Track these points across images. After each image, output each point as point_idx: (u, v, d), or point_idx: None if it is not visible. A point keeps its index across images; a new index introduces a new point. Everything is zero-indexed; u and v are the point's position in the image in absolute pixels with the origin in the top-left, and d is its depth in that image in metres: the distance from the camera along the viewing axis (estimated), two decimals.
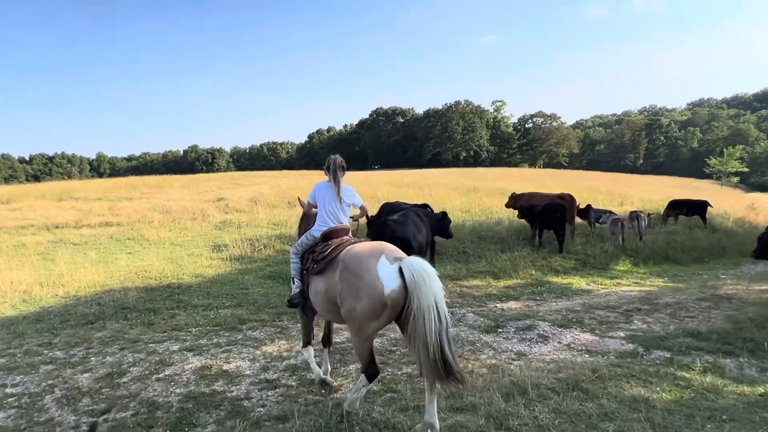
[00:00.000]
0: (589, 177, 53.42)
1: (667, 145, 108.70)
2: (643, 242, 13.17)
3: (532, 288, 9.12)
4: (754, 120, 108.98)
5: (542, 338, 6.30)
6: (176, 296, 7.89)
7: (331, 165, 4.55)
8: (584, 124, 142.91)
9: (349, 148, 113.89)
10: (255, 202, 20.51)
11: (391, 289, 3.52)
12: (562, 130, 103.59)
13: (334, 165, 4.52)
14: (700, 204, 18.86)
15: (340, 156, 4.67)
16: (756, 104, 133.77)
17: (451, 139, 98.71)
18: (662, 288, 9.50)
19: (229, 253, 11.07)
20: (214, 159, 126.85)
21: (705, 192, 44.52)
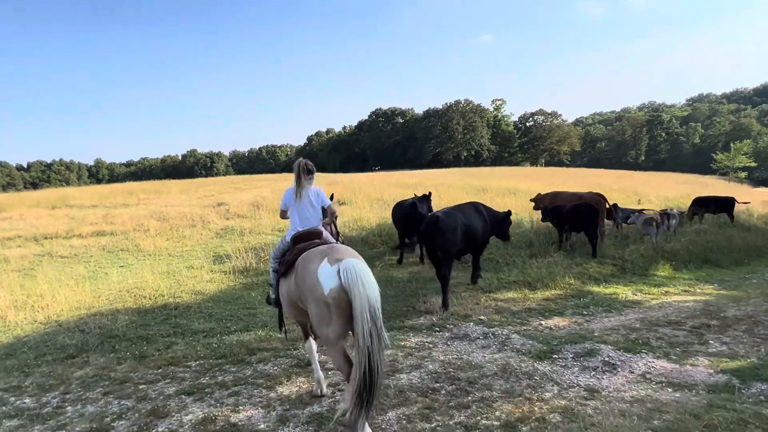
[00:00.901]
0: (594, 174, 52.54)
1: (668, 141, 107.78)
2: (678, 242, 12.17)
3: (574, 300, 8.09)
4: (756, 114, 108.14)
5: (609, 367, 5.27)
6: (173, 319, 6.86)
7: (294, 169, 4.64)
8: (584, 121, 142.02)
9: (348, 150, 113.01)
10: (257, 206, 19.49)
11: (329, 289, 3.53)
12: (563, 127, 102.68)
13: (298, 169, 4.62)
14: (728, 201, 17.85)
15: (305, 159, 4.79)
16: (756, 99, 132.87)
17: (452, 138, 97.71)
18: (718, 297, 8.48)
19: (232, 265, 10.05)
20: (213, 163, 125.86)
21: (714, 188, 43.56)
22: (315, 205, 4.66)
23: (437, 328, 6.65)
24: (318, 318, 3.69)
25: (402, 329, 6.62)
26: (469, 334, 6.41)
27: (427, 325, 6.78)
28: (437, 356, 5.60)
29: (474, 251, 8.65)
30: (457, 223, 7.78)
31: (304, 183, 4.67)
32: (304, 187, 4.66)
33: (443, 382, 4.87)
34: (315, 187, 4.79)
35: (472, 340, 6.21)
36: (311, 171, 4.78)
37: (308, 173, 4.73)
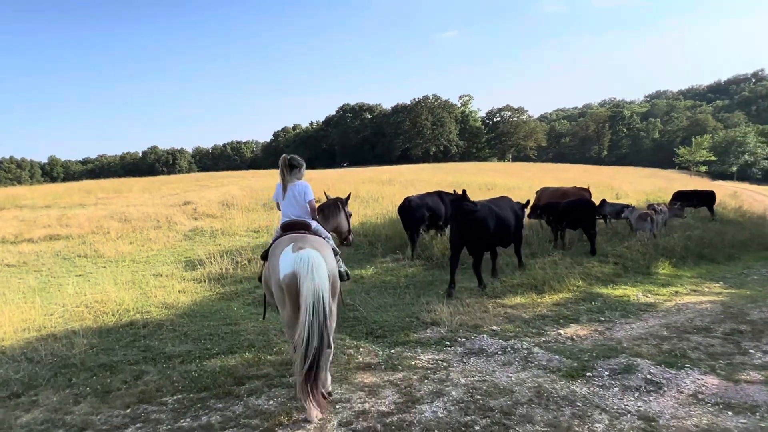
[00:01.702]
0: (561, 169, 53.03)
1: (629, 137, 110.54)
2: (671, 237, 11.82)
3: (585, 304, 7.49)
4: (711, 110, 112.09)
5: (654, 386, 4.64)
6: (141, 341, 5.87)
7: (279, 165, 4.76)
8: (549, 117, 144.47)
9: (316, 146, 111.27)
10: (227, 205, 18.37)
11: (284, 274, 3.75)
12: (529, 123, 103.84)
13: (281, 164, 4.74)
14: (709, 195, 17.82)
15: (289, 155, 4.87)
16: (710, 95, 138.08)
17: (421, 134, 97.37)
18: (731, 297, 8.04)
19: (206, 272, 9.04)
20: (175, 160, 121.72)
21: (678, 181, 44.57)
22: (300, 200, 4.67)
23: (448, 341, 5.90)
24: (276, 300, 4.10)
25: (408, 344, 5.84)
26: (485, 348, 5.69)
27: (436, 338, 6.03)
28: (457, 378, 4.85)
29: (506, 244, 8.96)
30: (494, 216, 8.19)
31: (289, 178, 4.75)
32: (290, 182, 4.73)
33: (474, 414, 4.12)
34: (303, 182, 4.81)
35: (490, 356, 5.49)
36: (295, 165, 4.83)
37: (292, 168, 4.80)
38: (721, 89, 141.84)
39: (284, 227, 4.52)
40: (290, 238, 4.10)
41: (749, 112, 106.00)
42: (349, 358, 5.39)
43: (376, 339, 6.03)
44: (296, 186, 4.67)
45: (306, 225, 4.52)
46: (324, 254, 3.92)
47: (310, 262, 3.66)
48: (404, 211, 10.32)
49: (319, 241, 4.19)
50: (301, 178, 4.85)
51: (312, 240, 4.07)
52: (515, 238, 9.04)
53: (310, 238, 4.12)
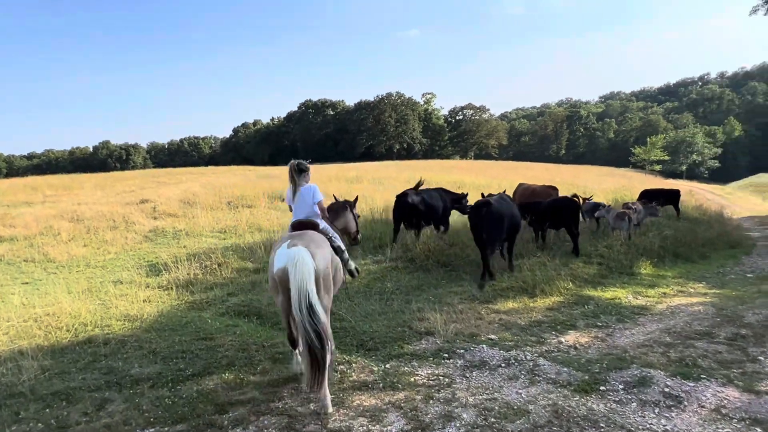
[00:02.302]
0: (524, 167, 53.71)
1: (586, 136, 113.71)
2: (646, 236, 11.83)
3: (579, 308, 7.22)
4: (662, 112, 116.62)
5: (673, 400, 4.35)
6: (103, 362, 5.15)
7: (289, 170, 5.09)
8: (509, 116, 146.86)
9: (277, 142, 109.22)
10: (188, 203, 17.40)
11: (277, 268, 4.17)
12: (491, 122, 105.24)
13: (291, 170, 5.08)
14: (674, 193, 18.17)
15: (297, 160, 5.21)
16: (661, 97, 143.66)
17: (384, 131, 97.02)
18: (720, 298, 7.96)
19: (172, 277, 8.29)
20: (129, 155, 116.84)
21: (637, 180, 45.91)
22: (309, 202, 5.03)
23: (445, 353, 5.46)
24: (271, 289, 4.50)
25: (403, 358, 5.37)
26: (487, 360, 5.29)
27: (432, 350, 5.58)
28: (464, 398, 4.42)
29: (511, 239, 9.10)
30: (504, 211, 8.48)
31: (299, 182, 5.10)
32: (300, 185, 5.08)
33: None
34: (312, 184, 5.16)
35: (493, 369, 5.09)
36: (303, 170, 5.15)
37: (300, 172, 5.13)
38: (671, 91, 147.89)
39: (293, 226, 4.98)
40: (289, 236, 4.49)
41: (696, 114, 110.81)
42: (342, 375, 4.88)
43: (368, 352, 5.53)
44: (305, 189, 5.06)
45: (314, 224, 4.93)
46: (315, 252, 4.19)
47: (296, 259, 3.97)
48: (402, 205, 10.11)
49: (317, 239, 4.47)
50: (308, 180, 5.20)
51: (308, 239, 4.36)
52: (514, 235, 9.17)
53: (308, 236, 4.42)
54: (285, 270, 4.05)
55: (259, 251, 9.73)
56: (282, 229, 12.36)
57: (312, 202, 5.00)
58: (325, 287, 4.28)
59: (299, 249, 4.06)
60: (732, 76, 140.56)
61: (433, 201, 10.45)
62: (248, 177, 33.40)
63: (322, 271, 4.19)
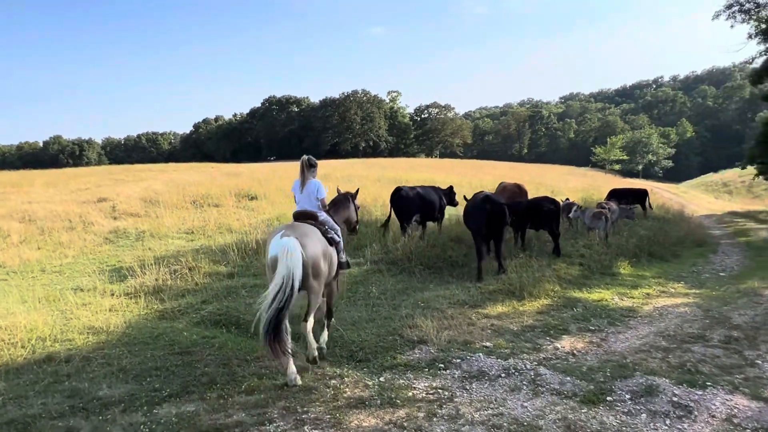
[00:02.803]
0: (491, 166, 54.33)
1: (547, 136, 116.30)
2: (620, 236, 11.92)
3: (567, 311, 7.08)
4: (619, 113, 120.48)
5: (682, 410, 4.20)
6: (66, 383, 4.60)
7: (300, 164, 5.53)
8: (473, 115, 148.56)
9: (240, 138, 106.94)
10: (150, 202, 16.57)
11: (270, 256, 4.61)
12: (456, 120, 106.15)
13: (303, 164, 5.52)
14: (642, 192, 18.54)
15: (308, 156, 5.66)
16: (618, 99, 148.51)
17: (350, 129, 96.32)
18: (702, 299, 8.01)
19: (139, 283, 7.69)
20: (82, 151, 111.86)
21: (597, 179, 47.13)
22: (312, 196, 5.45)
23: (441, 363, 5.17)
24: (267, 275, 4.78)
25: (397, 369, 5.05)
26: (485, 370, 5.03)
27: (427, 360, 5.28)
28: (469, 414, 4.14)
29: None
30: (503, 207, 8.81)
31: (308, 176, 5.52)
32: (307, 179, 5.50)
33: None
34: (318, 180, 5.58)
35: (493, 380, 4.84)
36: (313, 165, 5.60)
37: (310, 167, 5.57)
38: (627, 93, 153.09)
39: (295, 216, 5.43)
40: (285, 226, 4.85)
41: (651, 115, 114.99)
42: (335, 391, 4.51)
43: (359, 364, 5.18)
44: (311, 183, 5.46)
45: (313, 215, 5.35)
46: (306, 243, 4.59)
47: (286, 249, 4.36)
48: (399, 200, 10.27)
49: (308, 231, 4.84)
50: (315, 175, 5.62)
51: (301, 230, 4.73)
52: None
53: (300, 228, 4.79)
54: (276, 258, 4.45)
55: (232, 254, 9.20)
56: (253, 230, 11.85)
57: (315, 196, 5.42)
58: (315, 273, 4.70)
59: (291, 239, 4.45)
60: (684, 79, 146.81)
61: (430, 196, 10.63)
62: (212, 175, 32.36)
63: (311, 259, 4.61)
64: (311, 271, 4.63)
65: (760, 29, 17.69)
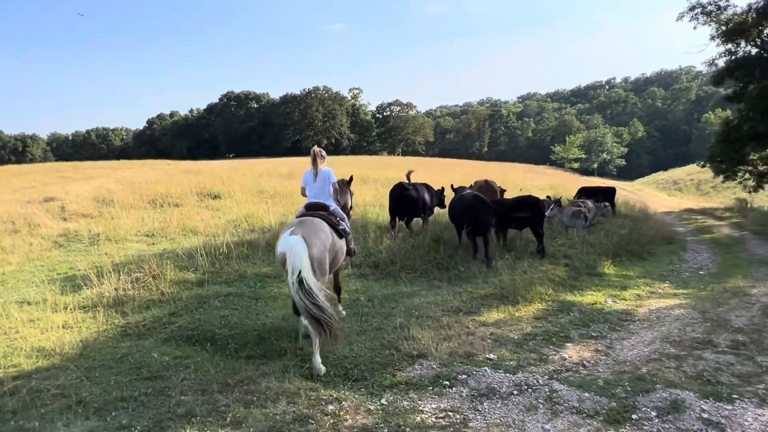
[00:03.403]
0: (455, 164, 54.50)
1: (507, 134, 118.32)
2: (597, 234, 11.83)
3: (564, 316, 6.76)
4: (574, 113, 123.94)
5: (715, 428, 3.89)
6: (11, 422, 3.84)
7: (311, 155, 5.99)
8: (434, 113, 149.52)
9: (197, 135, 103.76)
10: (104, 202, 15.46)
11: (279, 252, 4.88)
12: (418, 118, 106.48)
13: (316, 154, 5.95)
14: (611, 190, 18.71)
15: (319, 148, 6.09)
16: (573, 99, 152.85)
17: (312, 126, 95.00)
18: (692, 298, 7.89)
19: (97, 294, 6.85)
20: (26, 147, 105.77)
21: (558, 177, 47.99)
22: (326, 182, 5.84)
23: (446, 381, 4.70)
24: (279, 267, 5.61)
25: (398, 389, 4.54)
26: (495, 387, 4.59)
27: (430, 376, 4.80)
28: None
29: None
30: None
31: (320, 165, 5.88)
32: (320, 168, 5.86)
33: None
34: (327, 168, 5.96)
35: (505, 398, 4.41)
36: (324, 156, 6.00)
37: (322, 158, 5.95)
38: (582, 94, 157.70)
39: (307, 207, 5.74)
40: (296, 222, 5.14)
41: (605, 115, 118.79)
42: (335, 419, 3.96)
43: (355, 384, 4.64)
44: (324, 171, 5.88)
45: (324, 206, 5.69)
46: (312, 241, 4.83)
47: (290, 246, 4.64)
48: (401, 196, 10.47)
49: (317, 226, 5.11)
50: (325, 164, 6.00)
51: (308, 227, 4.99)
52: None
53: (308, 224, 5.04)
54: (284, 255, 4.74)
55: (200, 258, 8.44)
56: (221, 231, 11.08)
57: (328, 182, 5.86)
58: (320, 269, 4.93)
59: (297, 238, 4.72)
60: (634, 81, 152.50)
61: (425, 194, 10.89)
62: (169, 172, 30.91)
63: (316, 257, 4.82)
64: (317, 267, 4.85)
65: (721, 31, 18.12)
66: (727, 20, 17.94)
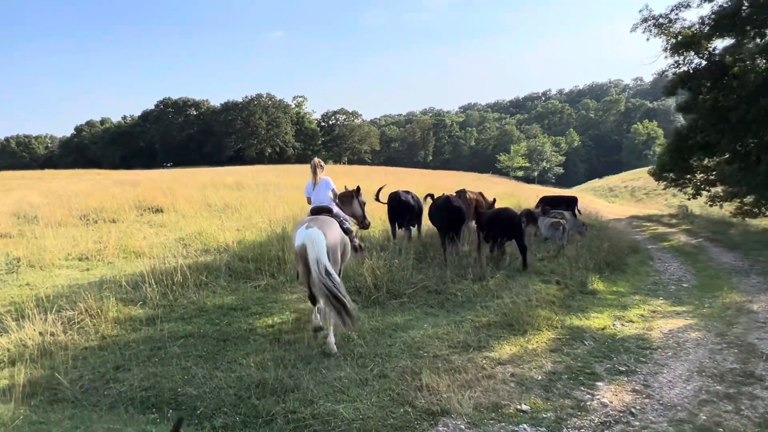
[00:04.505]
0: (404, 173, 54.10)
1: (450, 143, 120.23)
2: (574, 246, 11.38)
3: (580, 346, 6.01)
4: (514, 122, 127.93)
5: None
6: None
7: (311, 166, 6.52)
8: (378, 122, 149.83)
9: (131, 143, 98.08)
10: (25, 218, 13.56)
11: (297, 245, 5.35)
12: (364, 127, 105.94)
13: (316, 165, 6.47)
14: (572, 199, 18.57)
15: (318, 159, 6.58)
16: (512, 109, 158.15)
17: (255, 134, 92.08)
18: (698, 318, 7.40)
19: (15, 342, 5.39)
20: None
21: (507, 185, 48.63)
22: (326, 189, 6.40)
23: None
24: (295, 261, 6.13)
25: None
26: None
27: None
28: None
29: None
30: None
31: (319, 174, 6.43)
32: (319, 178, 6.41)
33: None
34: (327, 177, 6.48)
35: None
36: (322, 166, 6.54)
37: (321, 168, 6.50)
38: (520, 104, 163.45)
39: (312, 211, 6.26)
40: (309, 219, 5.75)
41: (543, 125, 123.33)
42: None
43: None
44: (324, 180, 6.37)
45: (328, 209, 6.22)
46: (326, 232, 5.35)
47: (311, 238, 5.18)
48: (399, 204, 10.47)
49: (328, 222, 5.68)
50: (323, 174, 6.45)
51: (321, 222, 5.53)
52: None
53: (321, 220, 5.59)
54: (304, 246, 5.17)
55: (148, 288, 7.07)
56: (167, 251, 9.70)
57: (328, 189, 6.33)
58: (333, 258, 5.40)
59: (314, 229, 5.23)
60: (569, 92, 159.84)
61: (419, 202, 11.10)
62: (102, 183, 28.39)
63: (331, 246, 5.35)
64: (331, 255, 5.31)
65: (672, 43, 18.51)
66: (677, 33, 18.35)
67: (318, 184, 6.32)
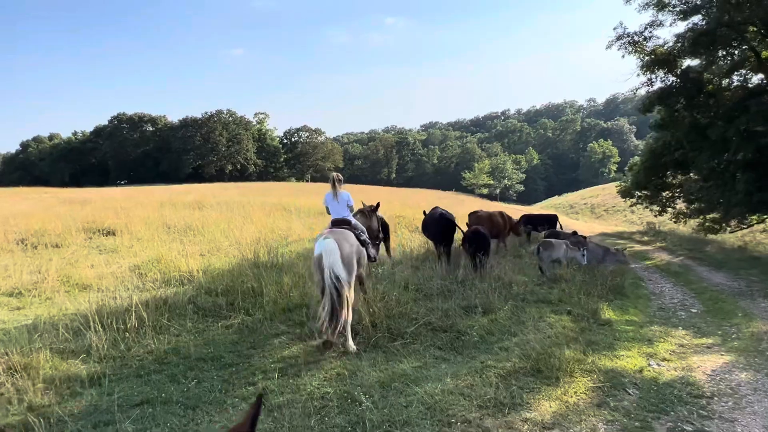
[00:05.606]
0: (371, 191, 53.24)
1: (413, 161, 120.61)
2: (569, 270, 10.63)
3: (626, 398, 5.05)
4: (476, 141, 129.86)
5: None
6: None
7: (330, 180, 6.98)
8: (341, 140, 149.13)
9: (82, 160, 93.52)
10: None
11: (316, 254, 5.83)
12: (327, 144, 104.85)
13: (332, 180, 6.94)
14: (553, 218, 18.10)
15: (337, 173, 7.07)
16: (473, 128, 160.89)
17: (215, 150, 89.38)
18: (734, 353, 6.63)
19: None
20: None
21: (469, 203, 48.43)
22: (344, 203, 6.90)
23: None
24: (312, 270, 6.21)
25: None
26: None
27: None
28: None
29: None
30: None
31: (338, 188, 6.87)
32: (338, 191, 6.86)
33: None
34: (345, 191, 7.00)
35: None
36: (341, 180, 7.01)
37: (340, 182, 6.95)
38: (480, 123, 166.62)
39: (333, 223, 6.77)
40: (327, 230, 6.26)
41: (503, 144, 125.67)
42: None
43: None
44: (343, 193, 6.91)
45: (347, 221, 6.80)
46: (342, 244, 5.88)
47: (326, 248, 5.71)
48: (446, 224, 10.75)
49: (345, 234, 6.22)
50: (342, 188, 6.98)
51: (339, 234, 6.08)
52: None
53: (339, 232, 6.15)
54: (320, 255, 5.74)
55: (93, 335, 5.70)
56: (119, 282, 8.31)
57: (347, 204, 6.93)
58: (348, 267, 5.86)
59: (331, 240, 5.79)
60: (527, 112, 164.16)
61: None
62: (47, 202, 26.19)
63: (346, 256, 5.85)
64: (346, 265, 5.77)
65: (646, 61, 18.44)
66: (651, 51, 18.31)
67: (338, 197, 6.78)
